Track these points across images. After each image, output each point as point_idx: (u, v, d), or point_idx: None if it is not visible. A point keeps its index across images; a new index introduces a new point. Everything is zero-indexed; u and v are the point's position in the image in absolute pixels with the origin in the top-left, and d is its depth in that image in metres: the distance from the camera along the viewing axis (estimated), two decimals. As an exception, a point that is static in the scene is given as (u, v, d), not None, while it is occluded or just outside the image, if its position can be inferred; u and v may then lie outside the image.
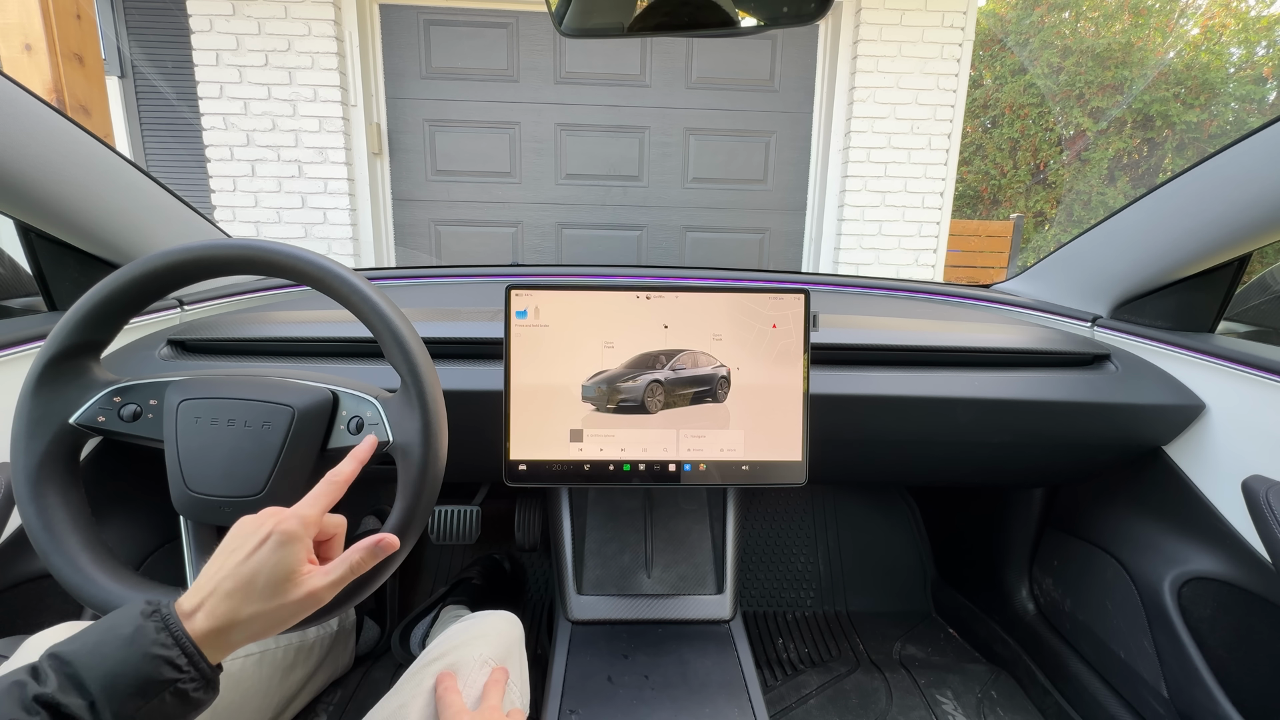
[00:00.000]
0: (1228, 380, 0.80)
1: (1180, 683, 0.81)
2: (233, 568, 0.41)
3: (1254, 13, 7.17)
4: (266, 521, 0.43)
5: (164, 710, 0.37)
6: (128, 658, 0.36)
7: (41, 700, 0.33)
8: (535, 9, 2.83)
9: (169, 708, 0.37)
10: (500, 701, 0.58)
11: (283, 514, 0.43)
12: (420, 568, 1.34)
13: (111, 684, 0.35)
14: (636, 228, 3.11)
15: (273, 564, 0.41)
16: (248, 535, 0.42)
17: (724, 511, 0.93)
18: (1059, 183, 7.45)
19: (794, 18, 0.70)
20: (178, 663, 0.37)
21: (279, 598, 0.41)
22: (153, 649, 0.36)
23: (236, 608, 0.40)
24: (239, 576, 0.40)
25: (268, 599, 0.41)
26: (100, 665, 0.35)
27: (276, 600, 0.41)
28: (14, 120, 0.66)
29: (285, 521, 0.42)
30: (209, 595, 0.40)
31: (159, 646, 0.37)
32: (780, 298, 0.74)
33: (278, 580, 0.41)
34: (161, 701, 0.36)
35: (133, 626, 0.37)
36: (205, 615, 0.39)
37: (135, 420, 0.56)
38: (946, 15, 2.86)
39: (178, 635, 0.38)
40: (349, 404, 0.57)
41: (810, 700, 1.07)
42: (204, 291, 1.00)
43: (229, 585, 0.40)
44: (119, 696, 0.35)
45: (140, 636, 0.37)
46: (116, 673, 0.35)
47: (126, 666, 0.35)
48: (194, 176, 2.88)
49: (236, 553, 0.41)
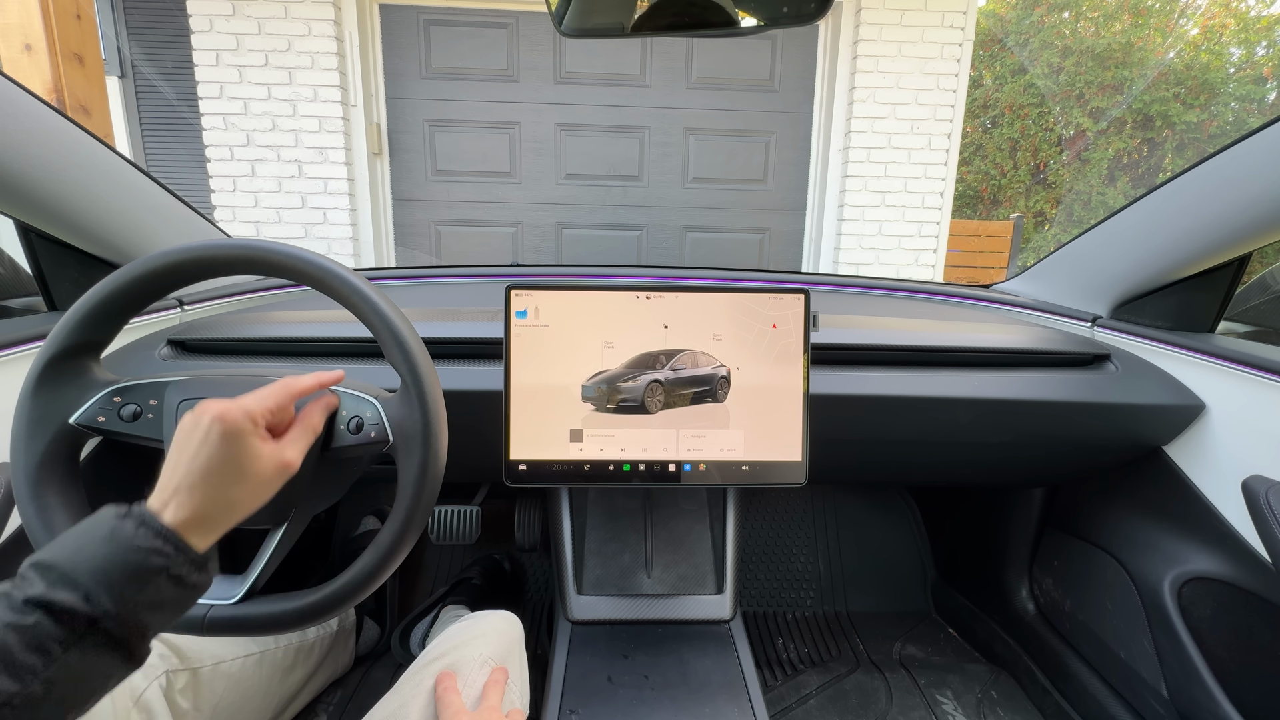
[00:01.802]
0: (1228, 380, 0.80)
1: (1180, 683, 0.81)
2: (187, 463, 0.40)
3: (1254, 13, 7.17)
4: (204, 414, 0.41)
5: (161, 595, 0.36)
6: (112, 553, 0.35)
7: (34, 601, 0.33)
8: (535, 9, 2.83)
9: (165, 592, 0.37)
10: (500, 702, 0.58)
11: (222, 405, 0.41)
12: (420, 568, 1.34)
13: (102, 577, 0.34)
14: (636, 228, 3.11)
15: (225, 455, 0.40)
16: (190, 430, 0.41)
17: (724, 511, 0.93)
18: (1059, 183, 7.45)
19: (794, 18, 0.70)
20: (164, 550, 0.37)
21: (247, 480, 0.41)
22: (134, 541, 0.36)
23: (208, 497, 0.40)
24: (196, 471, 0.40)
25: (236, 483, 0.41)
26: (86, 563, 0.35)
27: (246, 482, 0.41)
28: (14, 120, 0.66)
29: (228, 413, 0.41)
30: (174, 493, 0.39)
31: (140, 539, 0.36)
32: (780, 298, 0.74)
33: (237, 466, 0.41)
34: (157, 588, 0.36)
35: (108, 527, 0.36)
36: (176, 508, 0.39)
37: (135, 420, 0.56)
38: (946, 15, 2.86)
39: (156, 527, 0.37)
40: (349, 404, 0.57)
41: (810, 700, 1.07)
42: (204, 291, 1.00)
43: (190, 480, 0.40)
44: (114, 586, 0.34)
45: (119, 534, 0.36)
46: (104, 567, 0.35)
47: (113, 561, 0.35)
48: (194, 176, 2.88)
49: (185, 449, 0.41)
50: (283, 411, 0.46)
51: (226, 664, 0.71)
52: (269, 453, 0.43)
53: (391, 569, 0.53)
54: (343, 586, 0.52)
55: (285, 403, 0.46)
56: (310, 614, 0.52)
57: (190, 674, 0.66)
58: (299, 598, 0.52)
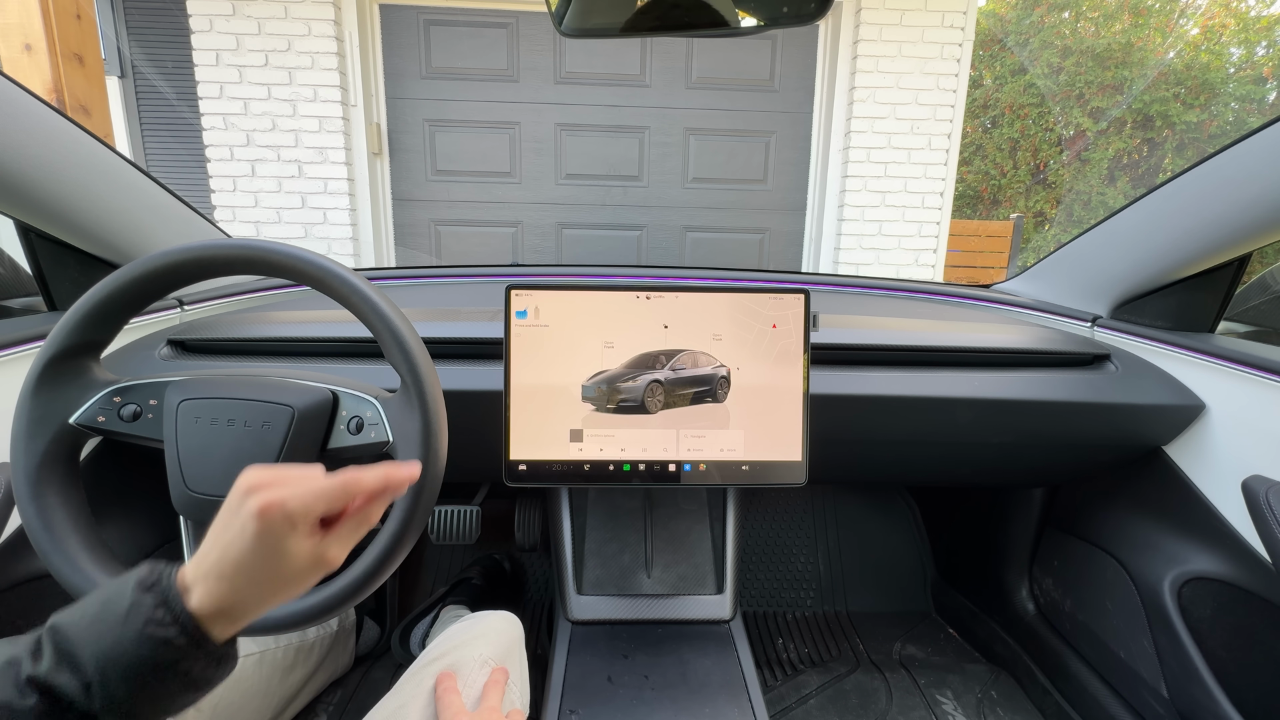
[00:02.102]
0: (1228, 380, 0.80)
1: (1180, 683, 0.81)
2: (222, 549, 0.37)
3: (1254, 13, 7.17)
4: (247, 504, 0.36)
5: (167, 690, 0.34)
6: (122, 637, 0.33)
7: (35, 682, 0.31)
8: (535, 9, 2.83)
9: (171, 687, 0.34)
10: (499, 702, 0.58)
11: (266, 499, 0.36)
12: (420, 568, 1.34)
13: (106, 665, 0.32)
14: (636, 228, 3.11)
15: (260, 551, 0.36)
16: (231, 515, 0.37)
17: (724, 511, 0.93)
18: (1059, 183, 7.45)
19: (794, 18, 0.70)
20: (176, 643, 0.34)
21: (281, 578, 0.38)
22: (149, 628, 0.33)
23: (238, 588, 0.36)
24: (230, 560, 0.36)
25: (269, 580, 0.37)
26: (96, 643, 0.32)
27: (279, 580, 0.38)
28: (14, 120, 0.66)
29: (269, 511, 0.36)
30: (205, 575, 0.36)
31: (155, 625, 0.33)
32: (780, 298, 0.74)
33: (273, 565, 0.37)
34: (163, 683, 0.34)
35: (129, 601, 0.34)
36: (204, 594, 0.36)
37: (135, 420, 0.56)
38: (946, 15, 2.86)
39: (176, 613, 0.34)
40: (349, 404, 0.57)
41: (810, 700, 1.07)
42: (204, 291, 1.00)
43: (222, 568, 0.36)
44: (115, 679, 0.32)
45: (136, 613, 0.33)
46: (112, 653, 0.32)
47: (122, 646, 0.32)
48: (194, 176, 2.88)
49: (224, 533, 0.37)
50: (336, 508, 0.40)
51: (226, 664, 0.70)
52: (309, 550, 0.38)
53: (391, 569, 0.53)
54: (343, 587, 0.52)
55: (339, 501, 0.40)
56: (310, 614, 0.52)
57: (190, 674, 0.66)
58: (299, 598, 0.52)
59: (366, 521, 0.42)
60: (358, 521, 0.41)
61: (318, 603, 0.52)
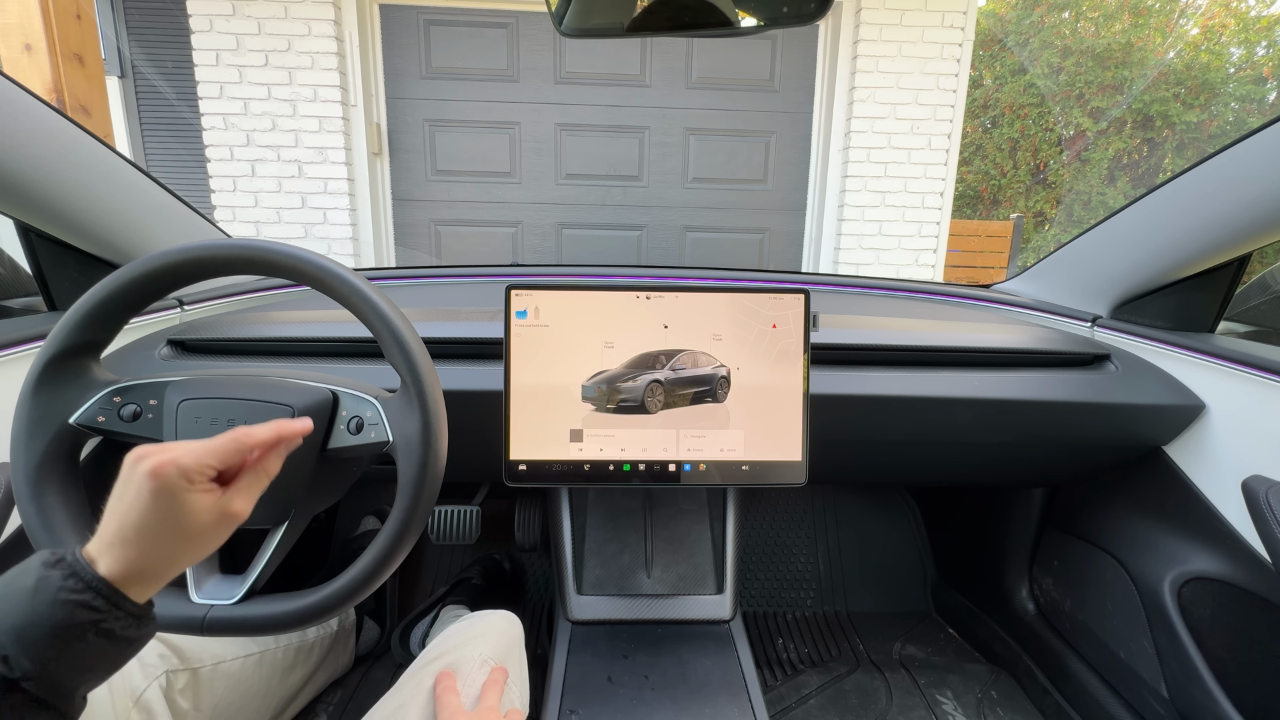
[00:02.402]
0: (1228, 380, 0.80)
1: (1180, 683, 0.81)
2: (120, 515, 0.37)
3: (1254, 13, 7.17)
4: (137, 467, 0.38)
5: (90, 651, 0.35)
6: (34, 608, 0.33)
7: None
8: (535, 9, 2.83)
9: (95, 648, 0.35)
10: (498, 702, 0.58)
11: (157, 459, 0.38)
12: (420, 568, 1.34)
13: (22, 635, 0.33)
14: (636, 228, 3.11)
15: (158, 512, 0.37)
16: (125, 482, 0.38)
17: (724, 512, 0.93)
18: (1059, 183, 7.45)
19: (794, 18, 0.70)
20: (94, 604, 0.35)
21: (186, 534, 0.39)
22: (60, 595, 0.34)
23: (144, 551, 0.37)
24: (130, 525, 0.37)
25: (174, 539, 0.38)
26: (7, 617, 0.33)
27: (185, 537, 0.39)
28: (14, 120, 0.66)
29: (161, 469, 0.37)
30: (109, 544, 0.37)
31: (67, 593, 0.34)
32: (780, 298, 0.74)
33: (173, 522, 0.38)
34: (84, 644, 0.34)
35: (35, 577, 0.34)
36: (112, 561, 0.37)
37: (135, 420, 0.56)
38: (946, 15, 2.86)
39: (88, 579, 0.35)
40: (349, 404, 0.57)
41: (810, 700, 1.07)
42: (204, 291, 1.00)
43: (124, 534, 0.37)
44: (33, 645, 0.33)
45: (44, 585, 0.34)
46: (25, 622, 0.33)
47: (35, 615, 0.33)
48: (194, 176, 2.88)
49: (120, 500, 0.38)
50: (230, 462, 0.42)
51: (226, 664, 0.71)
52: (209, 505, 0.39)
53: (391, 569, 0.53)
54: (342, 587, 0.52)
55: (232, 456, 0.41)
56: (310, 614, 0.52)
57: (190, 674, 0.66)
58: (299, 598, 0.52)
59: (265, 473, 0.43)
60: (256, 474, 0.43)
61: (317, 602, 0.52)
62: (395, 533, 0.52)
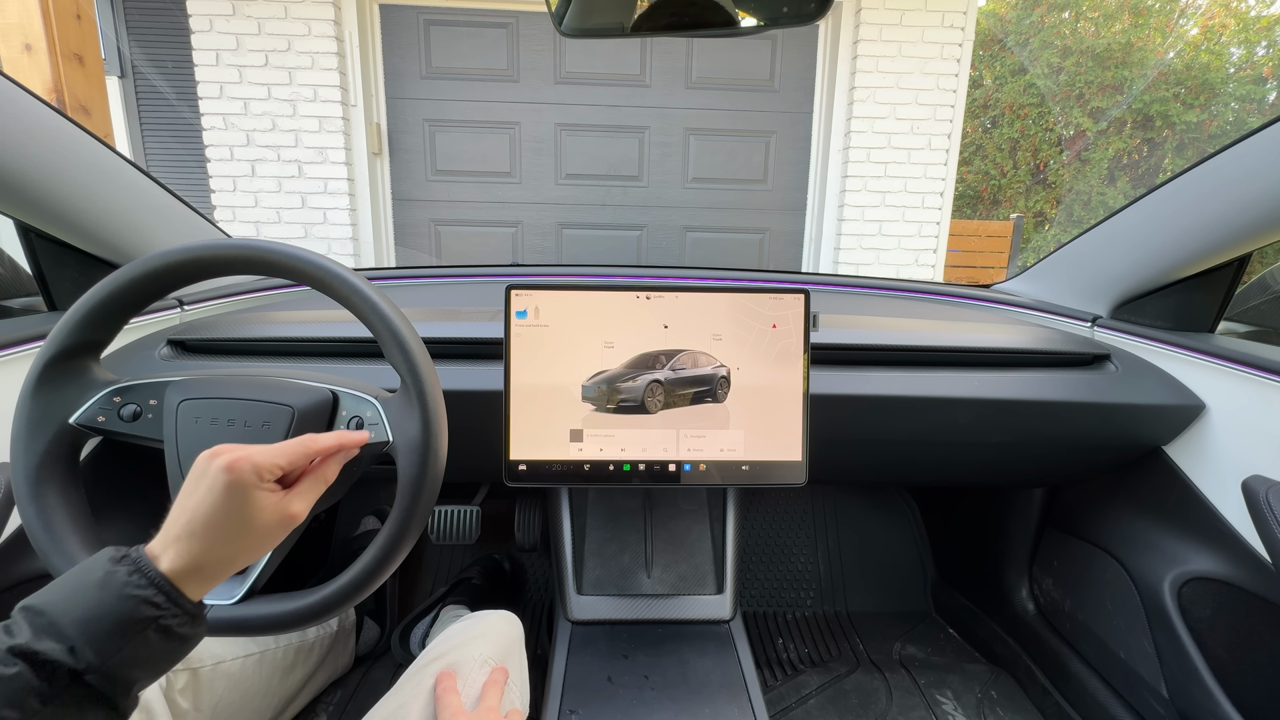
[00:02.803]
0: (1228, 380, 0.80)
1: (1180, 683, 0.81)
2: (190, 510, 0.40)
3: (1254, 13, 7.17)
4: (213, 462, 0.41)
5: (149, 648, 0.36)
6: (102, 600, 0.35)
7: (17, 651, 0.32)
8: (535, 9, 2.83)
9: (154, 645, 0.36)
10: (498, 702, 0.58)
11: (232, 455, 0.41)
12: (420, 568, 1.34)
13: (89, 627, 0.34)
14: (636, 228, 3.11)
15: (227, 507, 0.40)
16: (199, 477, 0.41)
17: (724, 511, 0.93)
18: (1059, 183, 7.45)
19: (794, 18, 0.70)
20: (155, 600, 0.36)
21: (249, 533, 0.41)
22: (126, 589, 0.35)
23: (208, 547, 0.39)
24: (199, 520, 0.39)
25: (237, 536, 0.40)
26: (74, 611, 0.34)
27: (247, 535, 0.41)
28: (14, 120, 0.66)
29: (235, 465, 0.40)
30: (175, 539, 0.39)
31: (132, 588, 0.36)
32: (780, 298, 0.74)
33: (240, 519, 0.40)
34: (145, 639, 0.35)
35: (102, 572, 0.36)
36: (175, 556, 0.38)
37: (135, 420, 0.56)
38: (946, 15, 2.86)
39: (151, 575, 0.37)
40: (349, 404, 0.57)
41: (810, 700, 1.07)
42: (204, 291, 1.00)
43: (192, 528, 0.39)
44: (99, 637, 0.34)
45: (111, 580, 0.35)
46: (92, 616, 0.34)
47: (103, 609, 0.34)
48: (194, 176, 2.88)
49: (191, 495, 0.40)
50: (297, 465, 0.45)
51: (226, 664, 0.71)
52: (273, 504, 0.42)
53: (391, 569, 0.53)
54: (342, 587, 0.52)
55: (299, 460, 0.45)
56: (310, 614, 0.52)
57: (190, 674, 0.66)
58: (299, 598, 0.52)
59: (323, 479, 0.47)
60: (316, 479, 0.46)
61: (317, 602, 0.52)
62: (395, 533, 0.52)
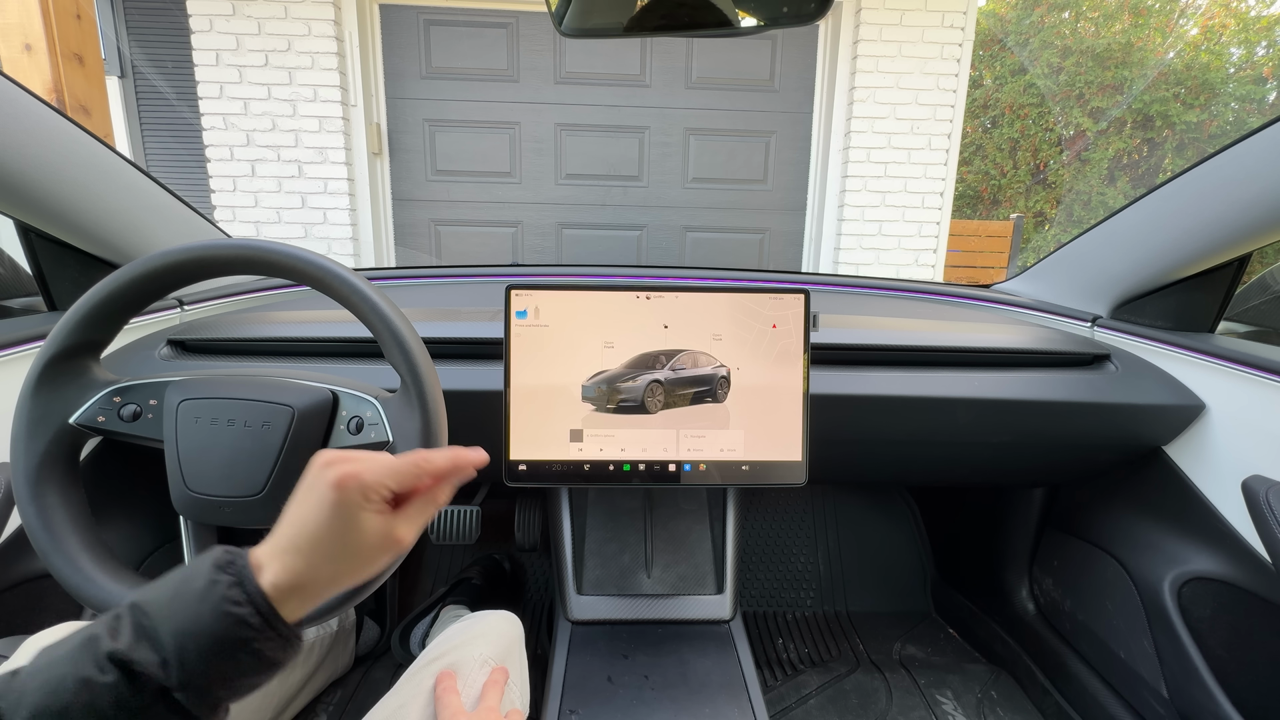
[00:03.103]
0: (1228, 380, 0.80)
1: (1180, 683, 0.81)
2: (300, 522, 0.38)
3: (1254, 13, 7.17)
4: (324, 476, 0.38)
5: (239, 668, 0.35)
6: (200, 614, 0.34)
7: (114, 658, 0.32)
8: (535, 9, 2.83)
9: (244, 665, 0.35)
10: (498, 702, 0.58)
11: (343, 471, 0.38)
12: (420, 568, 1.34)
13: (183, 641, 0.33)
14: (636, 228, 3.11)
15: (334, 525, 0.38)
16: (309, 489, 0.39)
17: (724, 512, 0.93)
18: (1059, 183, 7.45)
19: (794, 18, 0.70)
20: (250, 621, 0.34)
21: (353, 555, 0.39)
22: (224, 605, 0.34)
23: (313, 564, 0.37)
24: (306, 534, 0.37)
25: (341, 556, 0.38)
26: (174, 620, 0.33)
27: (351, 557, 0.39)
28: (14, 120, 0.66)
29: (345, 483, 0.38)
30: (281, 550, 0.37)
31: (231, 604, 0.34)
32: (780, 298, 0.74)
33: (345, 539, 0.38)
34: (236, 661, 0.34)
35: (206, 580, 0.35)
36: (280, 570, 0.36)
37: (135, 420, 0.56)
38: (946, 15, 2.86)
39: (251, 592, 0.35)
40: (349, 404, 0.57)
41: (810, 700, 1.07)
42: (204, 291, 1.00)
43: (299, 542, 0.37)
44: (190, 654, 0.33)
45: (212, 592, 0.34)
46: (189, 629, 0.33)
47: (200, 624, 0.33)
48: (194, 176, 2.88)
49: (302, 506, 0.38)
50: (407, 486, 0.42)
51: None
52: (379, 527, 0.39)
53: (391, 569, 0.53)
54: (342, 586, 0.52)
55: (410, 480, 0.41)
56: (310, 615, 0.52)
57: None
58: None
59: (434, 502, 0.43)
60: (426, 501, 0.42)
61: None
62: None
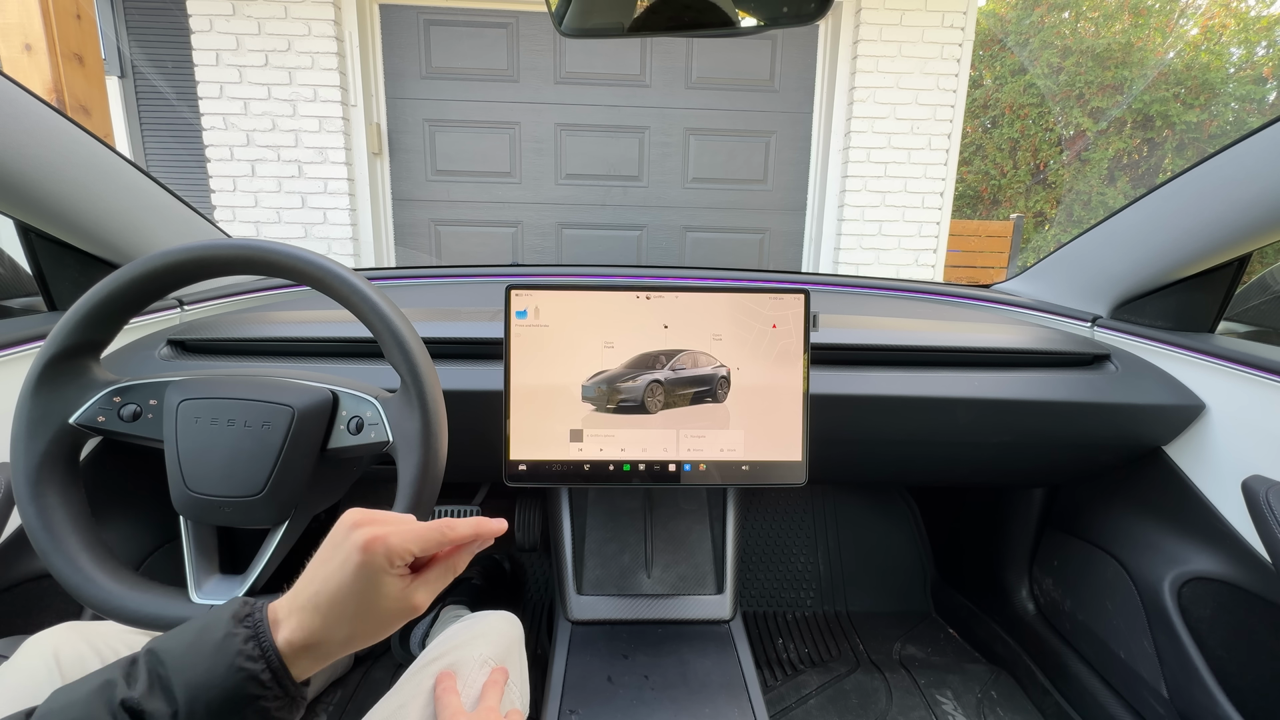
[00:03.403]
0: (1228, 380, 0.80)
1: (1180, 683, 0.81)
2: (322, 580, 0.38)
3: (1254, 13, 7.17)
4: (351, 538, 0.39)
5: None
6: (214, 667, 0.34)
7: (128, 705, 0.32)
8: (535, 9, 2.83)
9: None
10: (498, 703, 0.58)
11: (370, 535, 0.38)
12: (420, 568, 1.34)
13: (194, 694, 0.34)
14: (636, 228, 3.11)
15: (356, 587, 0.38)
16: (335, 547, 0.39)
17: (724, 512, 0.93)
18: (1059, 183, 7.45)
19: (794, 18, 0.70)
20: (262, 678, 0.35)
21: (370, 616, 0.39)
22: (238, 660, 0.35)
23: (329, 623, 0.38)
24: (327, 593, 0.38)
25: (358, 617, 0.38)
26: (188, 671, 0.34)
27: (368, 619, 0.39)
28: (14, 120, 0.66)
29: (371, 547, 0.38)
30: (300, 607, 0.38)
31: (245, 659, 0.35)
32: (780, 298, 0.74)
33: (365, 601, 0.38)
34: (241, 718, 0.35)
35: (223, 632, 0.35)
36: (296, 626, 0.37)
37: (135, 420, 0.56)
38: (946, 15, 2.86)
39: (265, 648, 0.36)
40: (349, 404, 0.57)
41: (810, 700, 1.07)
42: (204, 291, 1.00)
43: (318, 600, 0.38)
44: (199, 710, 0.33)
45: (228, 646, 0.35)
46: (202, 683, 0.34)
47: (213, 677, 0.34)
48: (194, 176, 2.88)
49: (325, 564, 0.39)
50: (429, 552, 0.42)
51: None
52: (398, 591, 0.40)
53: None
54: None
55: (433, 546, 0.42)
56: None
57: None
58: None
59: (453, 569, 0.43)
60: (445, 568, 0.43)
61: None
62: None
